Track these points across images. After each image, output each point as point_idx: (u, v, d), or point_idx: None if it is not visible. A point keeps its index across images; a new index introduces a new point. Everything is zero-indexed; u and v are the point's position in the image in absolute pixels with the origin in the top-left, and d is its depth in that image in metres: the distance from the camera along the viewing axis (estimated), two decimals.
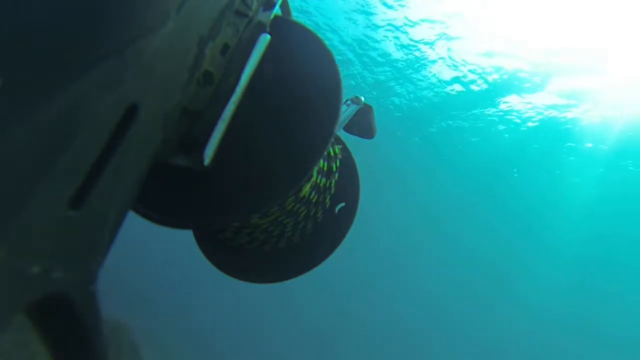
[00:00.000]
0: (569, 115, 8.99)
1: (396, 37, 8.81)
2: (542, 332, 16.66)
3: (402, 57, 9.23)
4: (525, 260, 13.90)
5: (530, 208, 11.59)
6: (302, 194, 1.01)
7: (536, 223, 12.05)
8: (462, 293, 17.45)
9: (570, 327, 15.78)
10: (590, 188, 10.19)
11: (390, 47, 9.06)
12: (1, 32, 0.38)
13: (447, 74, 9.43)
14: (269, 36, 0.76)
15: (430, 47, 8.81)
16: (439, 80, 9.71)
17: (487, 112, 9.80)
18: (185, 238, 1.13)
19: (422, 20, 8.21)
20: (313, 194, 1.05)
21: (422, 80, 9.82)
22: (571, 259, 12.53)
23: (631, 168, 9.39)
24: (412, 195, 11.92)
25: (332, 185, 1.13)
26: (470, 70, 9.07)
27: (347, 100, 2.12)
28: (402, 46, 9.09)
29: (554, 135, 9.57)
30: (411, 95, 10.23)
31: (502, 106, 9.50)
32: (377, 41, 9.12)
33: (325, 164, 1.08)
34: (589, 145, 9.46)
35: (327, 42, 0.87)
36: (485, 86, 9.23)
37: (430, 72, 9.51)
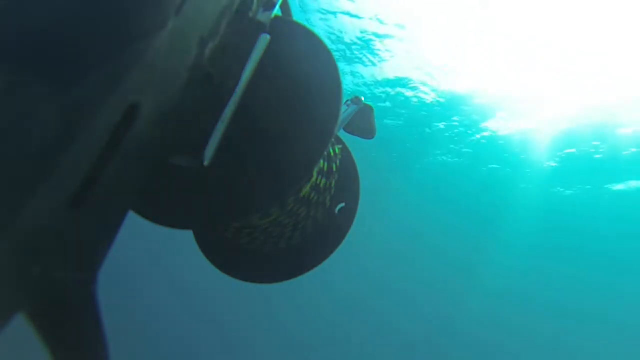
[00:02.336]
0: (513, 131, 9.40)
1: None
2: (500, 312, 18.65)
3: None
4: (486, 249, 15.25)
5: (490, 206, 12.75)
6: (302, 194, 1.01)
7: (495, 218, 13.43)
8: (432, 284, 18.38)
9: (524, 307, 17.93)
10: (539, 189, 11.45)
11: None
12: (3, 33, 0.38)
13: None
14: (269, 36, 0.76)
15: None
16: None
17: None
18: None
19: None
20: (313, 194, 1.05)
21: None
22: (525, 246, 14.33)
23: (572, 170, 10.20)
24: (376, 202, 12.45)
25: (332, 185, 1.13)
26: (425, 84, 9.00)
27: (347, 101, 2.12)
28: None
29: (503, 148, 10.07)
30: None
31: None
32: None
33: (326, 164, 1.08)
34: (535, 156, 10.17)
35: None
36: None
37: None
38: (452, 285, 17.90)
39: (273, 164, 0.78)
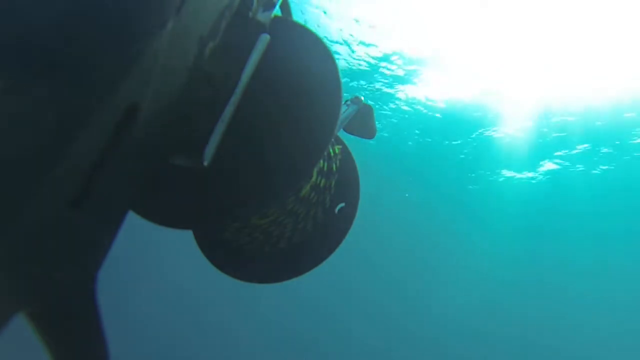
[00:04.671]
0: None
1: None
2: (479, 292, 18.95)
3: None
4: (466, 234, 15.67)
5: (469, 192, 12.93)
6: (302, 194, 1.01)
7: (475, 203, 13.45)
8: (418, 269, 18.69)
9: (503, 287, 18.30)
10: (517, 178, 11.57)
11: None
12: (3, 33, 0.38)
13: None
14: (268, 36, 0.76)
15: None
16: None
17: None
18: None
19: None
20: (313, 194, 1.05)
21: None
22: (504, 231, 14.54)
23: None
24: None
25: (332, 185, 1.13)
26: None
27: (347, 101, 2.12)
28: None
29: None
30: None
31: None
32: None
33: (325, 164, 1.08)
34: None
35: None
36: None
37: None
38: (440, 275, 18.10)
39: (273, 164, 0.78)
